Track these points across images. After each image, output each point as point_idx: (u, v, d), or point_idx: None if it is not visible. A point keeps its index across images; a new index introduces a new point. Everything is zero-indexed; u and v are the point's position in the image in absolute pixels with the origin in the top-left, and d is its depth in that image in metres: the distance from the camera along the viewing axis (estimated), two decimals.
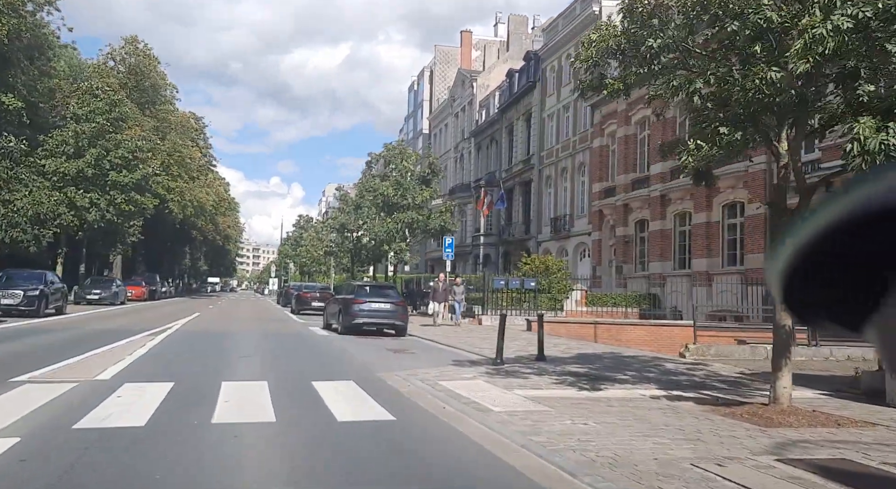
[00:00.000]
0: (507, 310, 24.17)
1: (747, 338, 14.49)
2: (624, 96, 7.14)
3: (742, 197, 22.31)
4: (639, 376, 9.09)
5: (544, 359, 10.93)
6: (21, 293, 19.46)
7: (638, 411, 6.27)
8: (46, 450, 4.41)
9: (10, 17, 28.25)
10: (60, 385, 7.13)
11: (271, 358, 11.31)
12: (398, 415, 6.01)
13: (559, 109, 36.73)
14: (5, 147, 28.59)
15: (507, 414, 6.01)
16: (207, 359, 10.78)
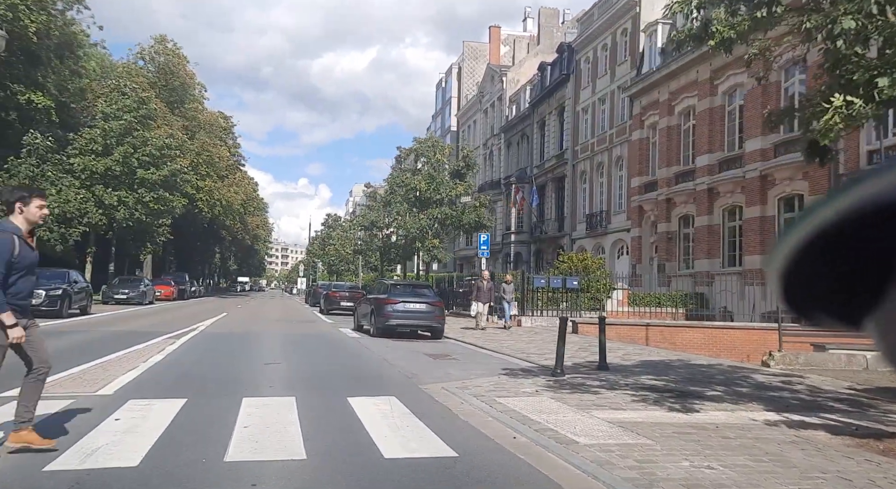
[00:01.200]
0: (543, 310, 23.01)
1: (826, 343, 12.95)
2: (727, 51, 5.77)
3: (801, 189, 20.62)
4: (730, 391, 7.71)
5: (607, 367, 9.61)
6: (43, 293, 18.72)
7: (766, 446, 4.92)
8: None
9: (38, 14, 27.81)
10: (52, 402, 6.02)
11: (300, 365, 10.17)
12: (459, 449, 4.75)
13: (594, 102, 35.23)
14: (32, 144, 28.14)
15: (599, 448, 4.71)
16: (229, 366, 9.67)
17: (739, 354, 15.66)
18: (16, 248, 4.15)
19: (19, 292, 4.24)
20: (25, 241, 4.28)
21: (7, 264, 4.10)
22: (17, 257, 4.15)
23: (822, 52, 5.05)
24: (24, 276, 4.25)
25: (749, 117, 22.35)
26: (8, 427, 4.54)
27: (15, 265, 4.15)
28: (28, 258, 4.25)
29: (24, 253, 4.21)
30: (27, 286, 4.33)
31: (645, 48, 30.19)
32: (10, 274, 4.14)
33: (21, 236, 4.24)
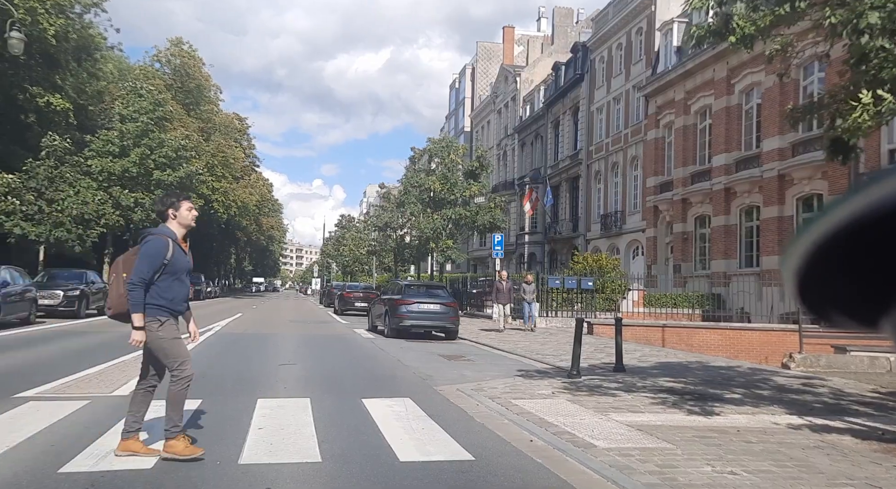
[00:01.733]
0: (558, 311, 22.86)
1: (847, 345, 12.73)
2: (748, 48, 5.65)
3: (820, 189, 20.32)
4: (750, 394, 7.57)
5: (624, 369, 9.50)
6: (61, 293, 18.94)
7: (790, 451, 4.81)
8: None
9: (56, 18, 28.13)
10: (68, 403, 6.04)
11: (314, 366, 10.14)
12: (475, 452, 4.69)
13: (609, 101, 35.01)
14: (50, 146, 28.44)
15: (618, 452, 4.63)
16: (244, 367, 9.67)
17: (758, 356, 15.45)
18: (169, 251, 4.23)
19: (172, 295, 4.28)
20: (180, 245, 4.37)
21: (158, 266, 4.18)
22: (170, 260, 4.23)
23: (847, 47, 4.93)
24: (177, 280, 4.31)
25: (767, 116, 22.07)
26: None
27: (167, 268, 4.22)
28: (181, 262, 4.33)
29: (177, 256, 4.28)
30: (180, 290, 4.36)
31: (660, 47, 29.94)
32: (161, 276, 4.20)
33: (176, 240, 4.33)
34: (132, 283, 4.13)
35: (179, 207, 4.40)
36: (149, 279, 4.16)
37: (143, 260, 4.18)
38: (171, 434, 4.25)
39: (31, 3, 26.20)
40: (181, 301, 4.40)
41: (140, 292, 4.12)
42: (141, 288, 4.13)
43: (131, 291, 4.13)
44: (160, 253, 4.20)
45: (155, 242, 4.25)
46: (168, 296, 4.25)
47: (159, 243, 4.24)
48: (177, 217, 4.40)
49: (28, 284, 16.98)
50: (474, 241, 46.84)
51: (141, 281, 4.13)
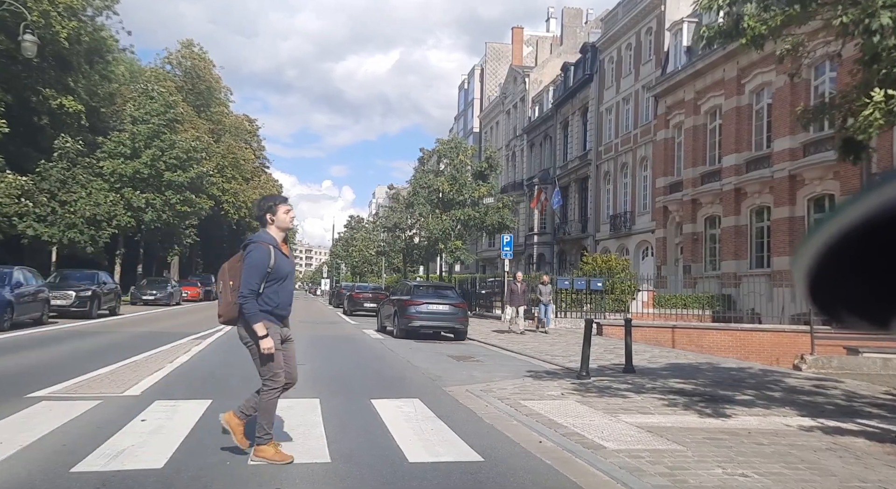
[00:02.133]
0: (567, 312, 22.78)
1: (859, 347, 12.62)
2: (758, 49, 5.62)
3: (832, 189, 20.16)
4: (762, 396, 7.53)
5: (633, 370, 9.46)
6: (73, 294, 19.07)
7: (801, 453, 4.77)
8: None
9: (69, 21, 28.38)
10: (81, 403, 6.09)
11: (323, 366, 10.17)
12: (484, 453, 4.69)
13: (618, 102, 34.90)
14: (63, 148, 28.70)
15: (628, 454, 4.61)
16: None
17: (769, 357, 15.35)
18: (272, 258, 4.22)
19: (278, 301, 4.28)
20: (280, 250, 4.35)
21: (263, 275, 4.18)
22: (274, 267, 4.22)
23: (859, 46, 4.89)
24: (282, 285, 4.30)
25: (777, 116, 21.94)
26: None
27: (272, 274, 4.22)
28: (284, 267, 4.31)
29: (279, 262, 4.27)
30: (285, 296, 4.35)
31: (670, 47, 29.83)
32: (267, 283, 4.21)
33: (277, 246, 4.32)
34: (243, 296, 4.14)
35: (277, 211, 4.36)
36: (258, 288, 4.17)
37: (248, 271, 4.18)
38: (263, 440, 4.26)
39: (44, 6, 26.44)
40: (286, 305, 4.40)
41: (252, 302, 4.14)
42: (252, 298, 4.15)
43: (244, 304, 4.14)
44: (263, 261, 4.19)
45: (257, 251, 4.22)
46: (274, 303, 4.26)
47: (261, 252, 4.21)
48: (275, 221, 4.36)
49: (41, 285, 17.12)
50: (483, 242, 46.81)
51: (251, 292, 4.15)
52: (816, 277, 0.60)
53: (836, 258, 0.57)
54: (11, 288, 14.57)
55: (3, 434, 4.76)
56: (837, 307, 0.62)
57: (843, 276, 0.58)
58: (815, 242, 0.58)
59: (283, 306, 4.35)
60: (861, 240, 0.54)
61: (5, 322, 13.80)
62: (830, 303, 0.62)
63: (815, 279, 0.60)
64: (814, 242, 0.58)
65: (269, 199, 4.52)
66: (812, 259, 0.58)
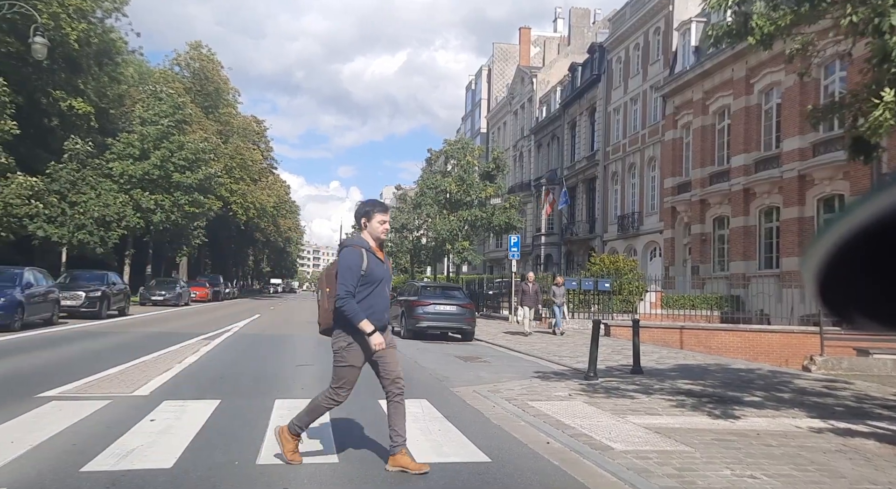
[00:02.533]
0: (574, 313, 22.72)
1: (870, 348, 12.53)
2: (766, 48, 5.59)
3: (842, 189, 20.04)
4: (771, 397, 7.48)
5: (641, 371, 9.44)
6: (83, 294, 19.20)
7: (811, 454, 4.75)
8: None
9: (79, 23, 28.58)
10: (90, 403, 6.13)
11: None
12: (492, 454, 4.69)
13: (626, 102, 34.81)
14: (73, 150, 28.90)
15: (636, 455, 4.60)
16: (262, 368, 9.74)
17: (778, 359, 15.26)
18: (364, 262, 4.11)
19: (372, 307, 4.13)
20: (375, 254, 4.23)
21: (357, 277, 4.08)
22: (366, 271, 4.11)
23: (869, 46, 4.86)
24: (375, 291, 4.17)
25: (787, 116, 21.82)
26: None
27: (364, 278, 4.11)
28: (378, 272, 4.18)
29: (373, 267, 4.15)
30: (380, 301, 4.21)
31: (678, 47, 29.73)
32: (359, 287, 4.09)
33: (370, 249, 4.20)
34: (340, 297, 4.05)
35: (372, 218, 4.24)
36: (354, 289, 4.05)
37: (343, 272, 4.10)
38: (295, 429, 4.28)
39: (54, 8, 26.63)
40: (382, 312, 4.22)
41: (351, 302, 4.03)
42: (350, 299, 4.03)
43: (343, 306, 4.04)
44: (356, 263, 4.09)
45: (348, 254, 4.15)
46: (369, 308, 4.10)
47: (353, 254, 4.13)
48: (367, 227, 4.26)
49: (51, 285, 17.23)
50: (490, 243, 46.79)
51: (347, 292, 4.04)
52: (826, 278, 0.59)
53: (846, 259, 0.56)
54: (22, 288, 14.68)
55: (14, 433, 4.80)
56: (848, 308, 0.61)
57: (854, 277, 0.58)
58: (824, 243, 0.57)
59: (379, 312, 4.17)
60: (871, 240, 0.54)
61: (16, 322, 13.91)
62: (840, 304, 0.61)
63: (825, 280, 0.59)
64: (823, 243, 0.57)
65: (369, 205, 4.38)
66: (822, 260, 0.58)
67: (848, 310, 0.61)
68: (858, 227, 0.54)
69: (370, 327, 4.05)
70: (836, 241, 0.56)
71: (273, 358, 11.20)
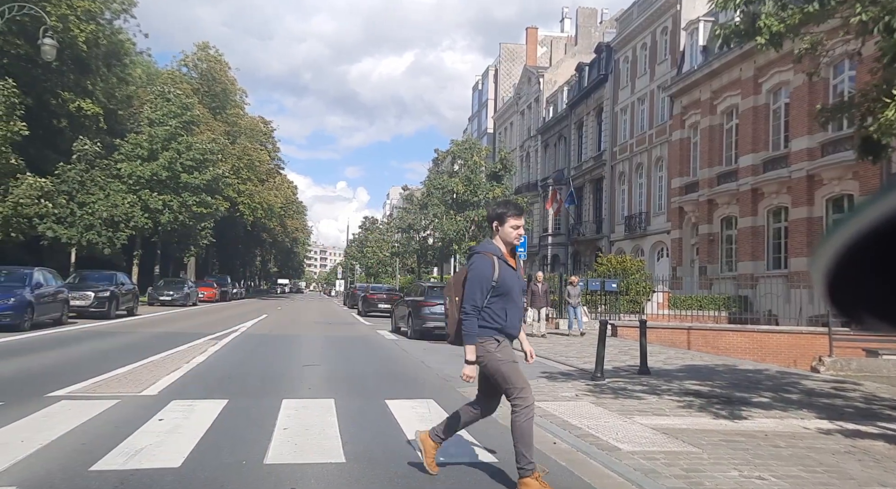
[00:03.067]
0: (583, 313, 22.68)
1: (879, 349, 12.45)
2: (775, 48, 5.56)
3: (851, 189, 19.92)
4: (779, 398, 7.45)
5: (649, 372, 9.41)
6: (92, 295, 19.31)
7: (819, 456, 4.72)
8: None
9: (87, 24, 28.76)
10: (99, 402, 6.17)
11: (338, 367, 10.22)
12: (498, 454, 4.69)
13: (633, 102, 34.73)
14: (81, 150, 29.07)
15: (643, 456, 4.59)
16: (270, 368, 9.78)
17: (786, 359, 15.19)
18: (495, 271, 3.82)
19: (505, 318, 3.86)
20: (506, 262, 3.93)
21: (487, 288, 3.82)
22: (498, 280, 3.83)
23: (879, 45, 4.83)
24: (507, 300, 3.87)
25: (795, 116, 21.71)
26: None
27: (496, 288, 3.83)
28: (510, 281, 3.88)
29: (504, 275, 3.86)
30: (513, 311, 3.92)
31: (686, 47, 29.63)
32: (491, 298, 3.83)
33: (501, 257, 3.91)
34: (465, 312, 3.79)
35: (505, 222, 3.92)
36: (482, 304, 3.79)
37: (471, 284, 3.82)
38: (526, 471, 3.80)
39: (63, 10, 26.81)
40: (515, 323, 3.95)
41: (473, 320, 3.77)
42: (474, 315, 3.78)
43: (465, 321, 3.78)
44: (486, 274, 3.81)
45: (479, 262, 3.86)
46: (500, 319, 3.84)
47: (484, 263, 3.84)
48: (499, 232, 3.94)
49: (60, 286, 17.34)
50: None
51: (473, 308, 3.78)
52: (835, 278, 0.59)
53: (856, 259, 0.56)
54: (32, 289, 14.77)
55: (24, 433, 4.83)
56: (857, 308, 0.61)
57: (863, 277, 0.58)
58: (833, 243, 0.57)
59: (511, 323, 3.90)
60: (881, 240, 0.53)
61: (26, 322, 14.00)
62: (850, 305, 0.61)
63: (833, 280, 0.59)
64: (832, 243, 0.57)
65: (503, 207, 4.04)
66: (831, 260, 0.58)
67: (857, 310, 0.61)
68: (868, 227, 0.54)
69: (472, 356, 3.82)
70: (846, 241, 0.56)
71: (280, 358, 11.24)
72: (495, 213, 4.00)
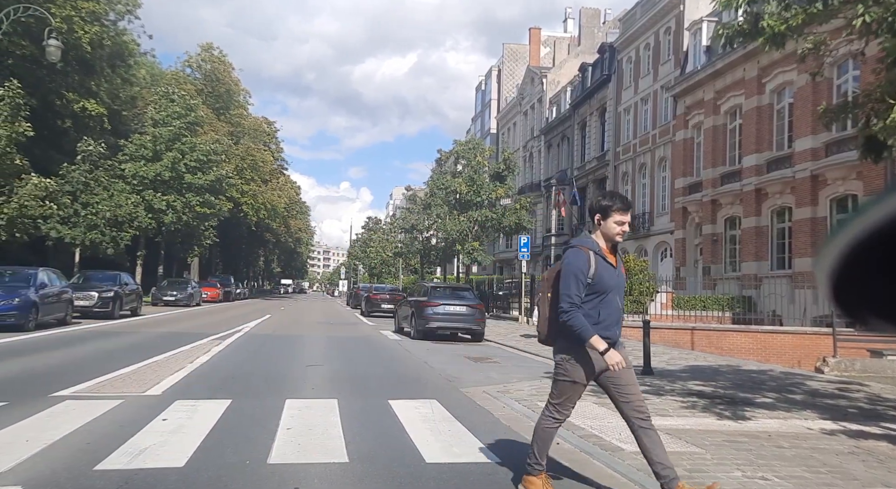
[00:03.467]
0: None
1: (884, 349, 12.42)
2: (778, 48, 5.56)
3: (855, 189, 19.87)
4: (783, 399, 7.44)
5: (652, 372, 9.41)
6: (96, 295, 19.36)
7: (823, 456, 4.72)
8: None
9: (91, 26, 28.86)
10: (103, 402, 6.19)
11: (341, 367, 10.23)
12: (501, 455, 4.69)
13: (637, 102, 34.69)
14: (85, 150, 29.16)
15: None
16: (273, 368, 9.80)
17: (790, 360, 15.17)
18: (591, 266, 3.51)
19: (601, 320, 3.53)
20: (605, 258, 3.59)
21: (582, 284, 3.50)
22: (594, 277, 3.50)
23: (882, 45, 4.82)
24: (604, 301, 3.55)
25: (799, 116, 21.67)
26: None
27: (592, 286, 3.51)
28: (608, 279, 3.54)
29: (601, 272, 3.53)
30: (611, 314, 3.57)
31: (689, 47, 29.59)
32: (587, 296, 3.54)
33: (600, 252, 3.58)
34: (564, 310, 3.48)
35: (608, 216, 3.59)
36: (579, 299, 3.49)
37: (565, 279, 3.53)
38: (534, 471, 3.74)
39: (68, 11, 26.90)
40: (613, 325, 3.59)
41: (576, 315, 3.45)
42: (575, 311, 3.46)
43: (568, 320, 3.46)
44: (580, 268, 3.50)
45: (573, 256, 3.57)
46: (595, 320, 3.51)
47: (578, 257, 3.54)
48: (601, 227, 3.62)
49: (64, 286, 17.39)
50: (500, 243, 46.78)
51: (571, 304, 3.47)
52: (840, 279, 0.59)
53: (860, 259, 0.56)
54: (36, 289, 14.82)
55: (29, 432, 4.85)
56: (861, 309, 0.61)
57: (867, 278, 0.57)
58: (837, 243, 0.57)
59: (608, 326, 3.54)
60: (885, 240, 0.53)
61: (30, 322, 14.05)
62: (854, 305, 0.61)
63: (838, 280, 0.59)
64: (837, 243, 0.57)
65: (608, 199, 3.69)
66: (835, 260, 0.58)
67: (861, 311, 0.61)
68: (872, 228, 0.53)
69: (603, 345, 3.44)
70: (850, 241, 0.55)
71: (283, 358, 11.26)
72: (599, 205, 3.66)
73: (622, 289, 3.67)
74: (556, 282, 3.66)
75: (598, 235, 3.65)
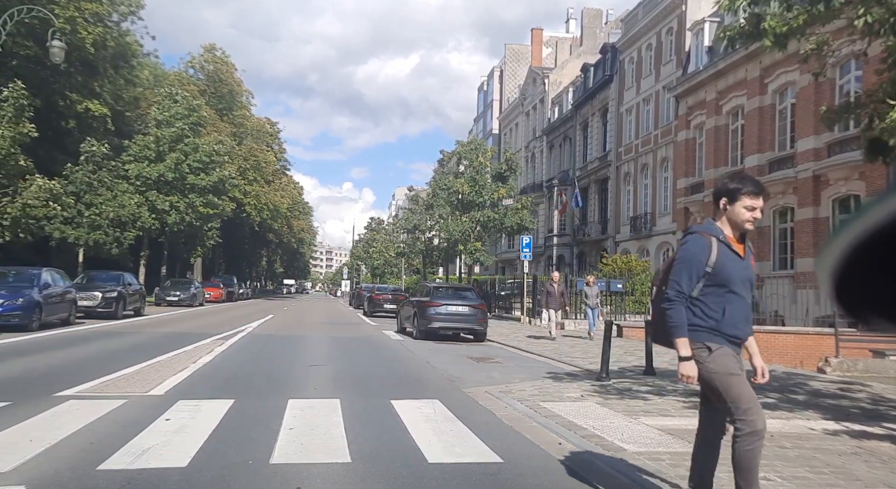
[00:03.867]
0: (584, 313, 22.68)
1: (886, 350, 12.40)
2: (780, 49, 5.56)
3: (857, 190, 19.84)
4: (785, 399, 7.44)
5: (654, 372, 9.41)
6: (99, 295, 19.41)
7: (826, 457, 4.72)
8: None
9: (95, 26, 28.92)
10: (107, 402, 6.21)
11: (344, 367, 10.25)
12: (503, 455, 4.70)
13: (639, 102, 34.68)
14: (89, 151, 29.23)
15: (648, 457, 4.59)
16: (276, 368, 9.82)
17: (792, 360, 15.14)
18: (712, 254, 3.11)
19: (722, 315, 3.12)
20: (730, 247, 3.17)
21: (698, 274, 3.13)
22: (715, 266, 3.10)
23: (885, 46, 4.82)
24: (726, 294, 3.13)
25: (801, 116, 21.65)
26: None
27: (711, 276, 3.12)
28: (731, 269, 3.12)
29: (724, 261, 3.12)
30: (736, 308, 3.16)
31: (691, 47, 29.59)
32: (704, 287, 3.15)
33: (723, 240, 3.16)
34: (668, 299, 3.14)
35: (736, 200, 3.14)
36: (689, 290, 3.13)
37: (679, 265, 3.17)
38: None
39: (71, 12, 26.96)
40: (740, 322, 3.18)
41: (679, 308, 3.11)
42: (680, 302, 3.12)
43: (668, 309, 3.13)
44: (697, 255, 3.12)
45: (693, 242, 3.18)
46: (716, 316, 3.11)
47: (698, 243, 3.15)
48: (727, 212, 3.18)
49: (68, 286, 17.43)
50: (502, 244, 46.78)
51: (678, 294, 3.12)
52: (842, 279, 0.59)
53: (862, 259, 0.56)
54: (40, 289, 14.86)
55: (32, 432, 4.88)
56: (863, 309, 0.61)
57: (869, 278, 0.57)
58: (840, 243, 0.57)
59: (735, 323, 3.15)
60: (887, 240, 0.53)
61: (34, 322, 14.09)
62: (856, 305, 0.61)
63: (840, 280, 0.59)
64: (839, 243, 0.57)
65: (737, 181, 3.24)
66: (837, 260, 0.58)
67: (864, 311, 0.62)
68: (874, 228, 0.53)
69: (686, 350, 3.10)
70: (852, 241, 0.56)
71: (286, 358, 11.28)
72: (726, 187, 3.23)
73: (750, 282, 3.25)
74: (666, 273, 3.32)
75: (723, 222, 3.21)
